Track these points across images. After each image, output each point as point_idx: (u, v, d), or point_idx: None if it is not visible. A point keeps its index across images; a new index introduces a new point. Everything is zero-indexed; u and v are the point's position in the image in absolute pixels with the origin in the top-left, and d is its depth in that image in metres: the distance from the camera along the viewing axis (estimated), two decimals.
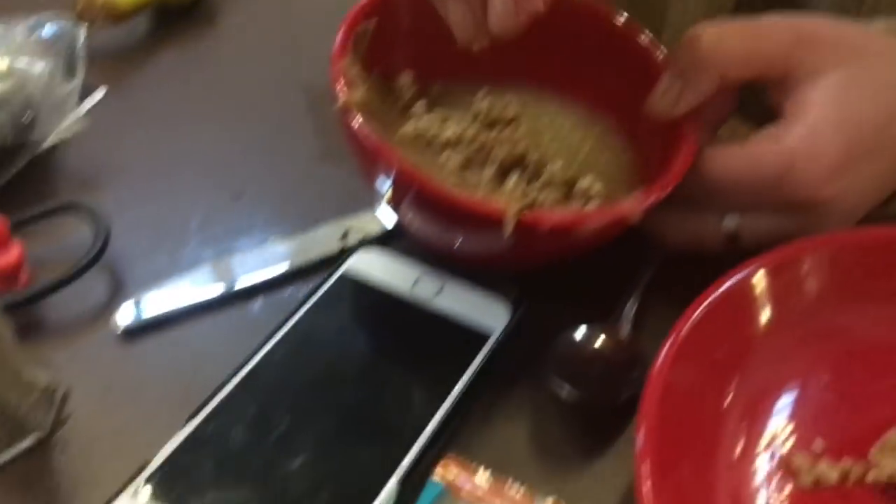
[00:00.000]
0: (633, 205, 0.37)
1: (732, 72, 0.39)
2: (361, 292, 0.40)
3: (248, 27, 0.57)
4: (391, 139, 0.40)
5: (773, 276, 0.37)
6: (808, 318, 0.37)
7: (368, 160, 0.37)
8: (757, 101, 0.42)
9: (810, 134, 0.38)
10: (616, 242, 0.39)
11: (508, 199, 0.36)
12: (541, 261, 0.41)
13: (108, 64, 0.52)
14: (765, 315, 0.37)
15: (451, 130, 0.40)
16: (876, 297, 0.38)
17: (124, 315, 0.39)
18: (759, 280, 0.37)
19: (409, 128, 0.41)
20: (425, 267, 0.40)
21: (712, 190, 0.40)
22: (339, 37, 0.40)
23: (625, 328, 0.39)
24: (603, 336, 0.38)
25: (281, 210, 0.45)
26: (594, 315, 0.38)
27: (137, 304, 0.40)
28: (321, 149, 0.48)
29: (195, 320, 0.40)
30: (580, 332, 0.38)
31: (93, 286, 0.40)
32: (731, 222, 0.40)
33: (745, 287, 0.37)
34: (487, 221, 0.35)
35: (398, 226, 0.42)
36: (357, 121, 0.37)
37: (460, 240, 0.39)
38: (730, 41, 0.39)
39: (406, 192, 0.37)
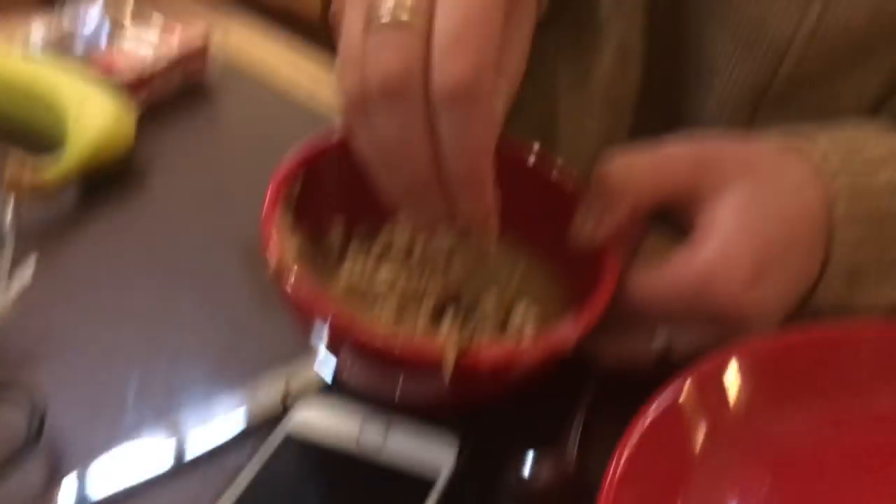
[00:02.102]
0: (565, 336, 0.38)
1: (644, 197, 0.41)
2: (305, 450, 0.40)
3: (176, 187, 0.58)
4: (325, 291, 0.41)
5: (699, 390, 0.38)
6: (740, 428, 0.38)
7: (304, 317, 0.38)
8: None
9: (722, 247, 0.40)
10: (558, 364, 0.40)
11: (445, 342, 0.37)
12: (483, 398, 0.41)
13: (36, 238, 0.52)
14: (699, 430, 0.38)
15: (383, 276, 0.41)
16: (800, 398, 0.39)
17: (66, 497, 0.39)
18: (687, 396, 0.38)
19: (343, 276, 0.42)
20: (368, 414, 0.41)
21: (638, 309, 0.41)
22: (267, 196, 0.41)
23: (571, 454, 0.40)
24: (549, 467, 0.39)
25: (220, 367, 0.45)
26: (541, 438, 0.39)
27: (79, 483, 0.39)
28: (258, 301, 0.49)
29: (139, 496, 0.39)
30: (527, 467, 0.38)
31: (30, 469, 0.40)
32: (661, 338, 0.42)
33: (674, 405, 0.38)
34: (426, 367, 0.36)
35: (339, 375, 0.42)
36: (290, 279, 0.37)
37: (401, 387, 0.40)
38: (639, 169, 0.42)
39: (343, 345, 0.38)
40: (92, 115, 0.57)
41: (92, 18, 0.70)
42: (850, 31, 0.49)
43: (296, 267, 0.38)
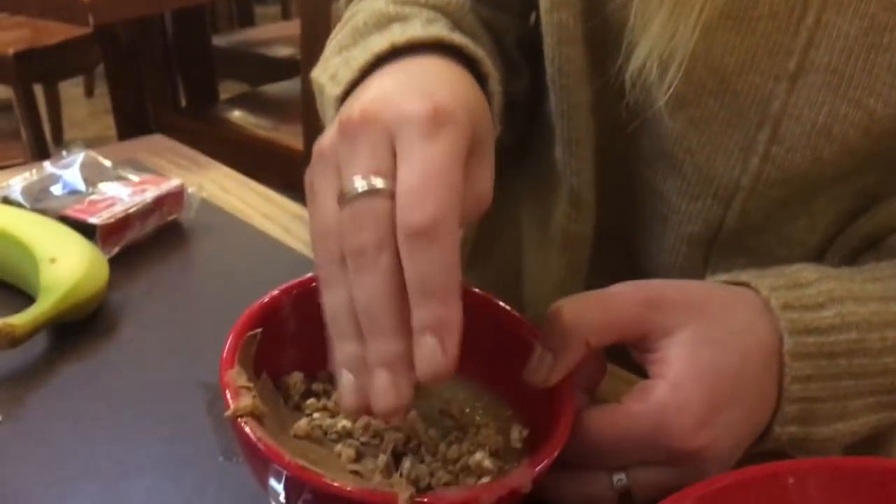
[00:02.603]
0: (522, 476, 0.38)
1: (594, 339, 0.42)
2: None
3: (146, 333, 0.59)
4: (285, 436, 0.41)
5: None
6: None
7: (260, 466, 0.38)
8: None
9: (674, 389, 0.41)
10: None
11: (400, 487, 0.37)
12: None
13: (2, 390, 0.53)
14: None
15: (341, 424, 0.42)
16: None
17: None
18: None
19: (301, 423, 0.42)
20: None
21: (596, 450, 0.42)
22: (226, 347, 0.42)
23: None
24: None
25: None
26: None
27: None
28: (222, 446, 0.49)
29: None
30: None
31: None
32: (620, 479, 0.42)
33: None
34: None
35: None
36: (246, 428, 0.38)
37: None
38: (588, 312, 0.43)
39: (299, 496, 0.38)
40: (66, 263, 0.59)
41: (72, 169, 0.72)
42: (790, 179, 0.51)
43: (250, 420, 0.38)
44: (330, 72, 0.52)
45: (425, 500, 0.36)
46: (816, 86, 0.49)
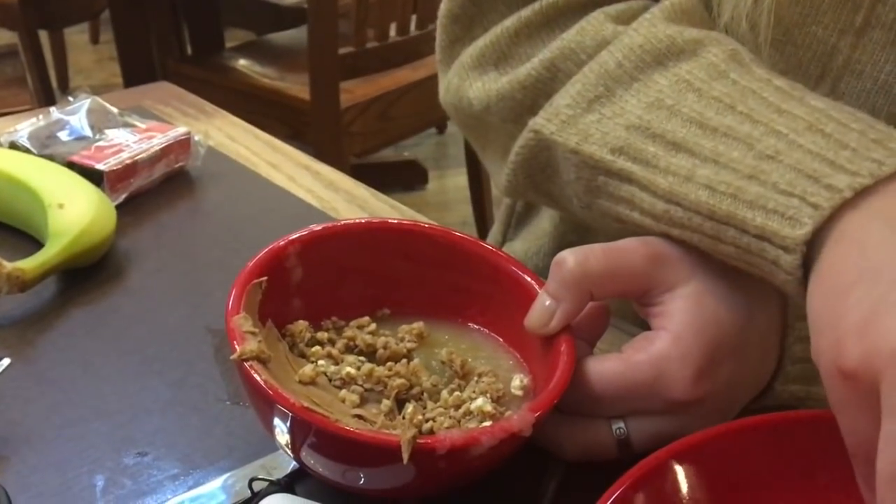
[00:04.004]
0: (522, 421, 0.39)
1: (598, 290, 0.43)
2: None
3: (153, 279, 0.60)
4: (290, 382, 0.42)
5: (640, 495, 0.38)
6: None
7: (266, 408, 0.39)
8: None
9: (675, 340, 0.41)
10: (522, 455, 0.41)
11: (403, 429, 0.38)
12: (445, 485, 0.42)
13: (12, 333, 0.53)
14: None
15: (345, 371, 0.43)
16: (744, 486, 0.39)
17: None
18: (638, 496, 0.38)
19: (306, 370, 0.43)
20: None
21: (595, 399, 0.42)
22: (232, 294, 0.42)
23: None
24: None
25: (189, 460, 0.45)
26: None
27: None
28: (230, 390, 0.50)
29: None
30: None
31: None
32: (620, 427, 0.43)
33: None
34: (385, 452, 0.37)
35: (304, 466, 0.43)
36: (252, 371, 0.39)
37: (364, 475, 0.40)
38: (593, 262, 0.43)
39: (304, 437, 0.39)
40: (74, 209, 0.59)
41: (79, 115, 0.72)
42: None
43: (255, 363, 0.39)
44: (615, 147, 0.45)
45: (428, 440, 0.37)
46: (881, 43, 0.47)
